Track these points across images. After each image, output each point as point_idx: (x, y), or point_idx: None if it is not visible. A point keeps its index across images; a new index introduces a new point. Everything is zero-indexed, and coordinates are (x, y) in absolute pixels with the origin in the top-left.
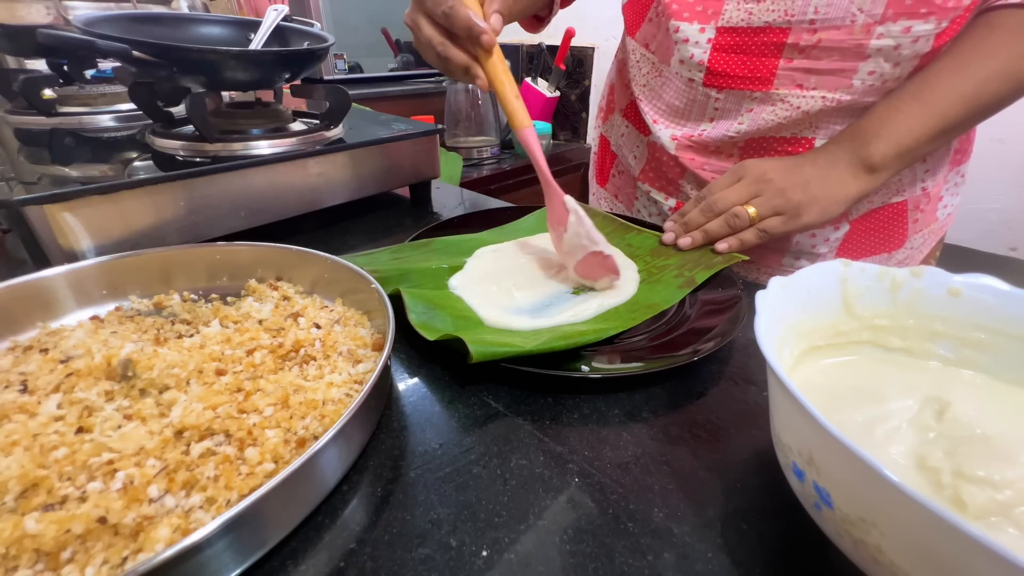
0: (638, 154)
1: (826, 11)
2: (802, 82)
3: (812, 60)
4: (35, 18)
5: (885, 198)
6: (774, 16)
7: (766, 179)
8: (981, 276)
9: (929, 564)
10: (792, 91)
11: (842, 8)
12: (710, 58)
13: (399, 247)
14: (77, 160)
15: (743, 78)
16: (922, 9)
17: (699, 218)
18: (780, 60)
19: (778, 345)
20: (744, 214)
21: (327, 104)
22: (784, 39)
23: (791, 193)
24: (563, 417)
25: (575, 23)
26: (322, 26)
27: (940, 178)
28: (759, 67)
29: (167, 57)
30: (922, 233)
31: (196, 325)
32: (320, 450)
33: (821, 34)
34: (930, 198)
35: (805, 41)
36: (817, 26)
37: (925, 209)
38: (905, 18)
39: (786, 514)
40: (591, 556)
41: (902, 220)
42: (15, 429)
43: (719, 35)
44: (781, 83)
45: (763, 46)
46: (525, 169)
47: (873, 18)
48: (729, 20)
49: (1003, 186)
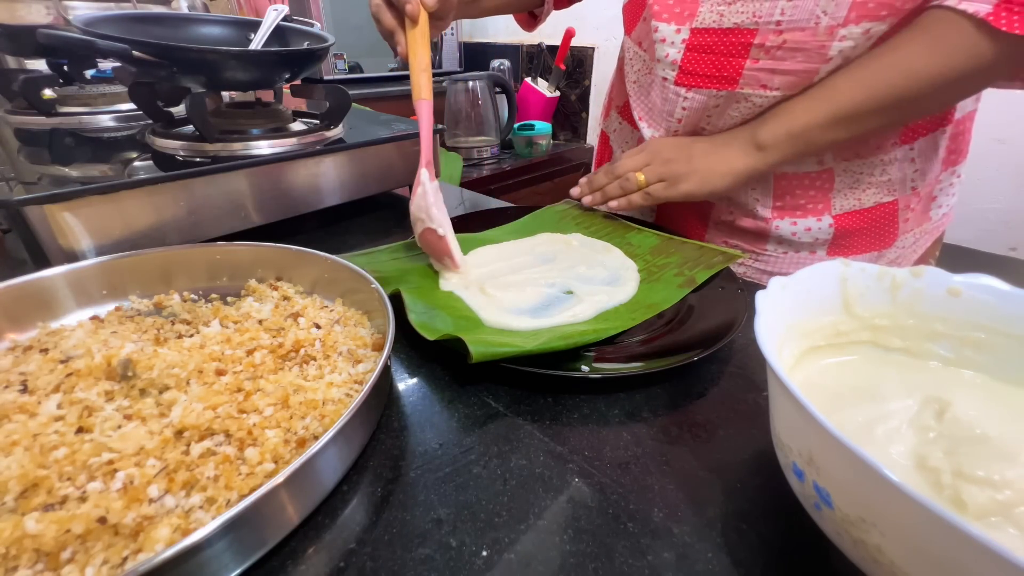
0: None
1: (792, 13)
2: (766, 82)
3: (776, 61)
4: (35, 18)
5: (877, 197)
6: (743, 18)
7: (658, 152)
8: (981, 276)
9: (929, 564)
10: (756, 91)
11: (807, 10)
12: (683, 58)
13: (399, 247)
14: (77, 160)
15: (711, 77)
16: (883, 12)
17: (601, 179)
18: (747, 60)
19: (778, 345)
20: (633, 178)
21: (327, 104)
22: (751, 40)
23: (675, 165)
24: (563, 417)
25: (575, 23)
26: (322, 26)
27: (931, 178)
28: (726, 66)
29: (167, 57)
30: (913, 232)
31: (196, 325)
32: (320, 450)
33: (786, 35)
34: (920, 197)
35: (771, 42)
36: (783, 27)
37: (916, 208)
38: (867, 20)
39: (786, 514)
40: (591, 556)
41: (893, 219)
42: (15, 429)
43: (692, 36)
44: (746, 83)
45: (731, 46)
46: (525, 169)
47: (836, 20)
48: (703, 21)
49: (1003, 186)
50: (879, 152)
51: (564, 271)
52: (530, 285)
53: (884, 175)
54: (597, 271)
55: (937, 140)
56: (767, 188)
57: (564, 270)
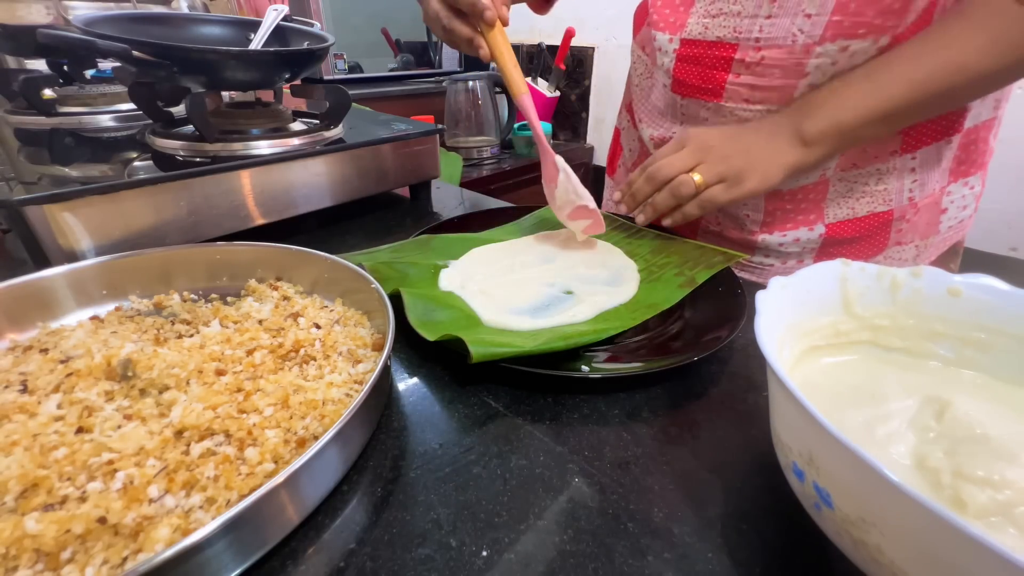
0: (632, 147)
1: (770, 31)
2: (748, 97)
3: (756, 76)
4: (35, 18)
5: (871, 207)
6: (725, 31)
7: (708, 146)
8: (981, 276)
9: (929, 564)
10: (740, 105)
11: (783, 28)
12: (675, 67)
13: (399, 246)
14: (77, 160)
15: (699, 88)
16: (860, 30)
17: (645, 188)
18: (729, 75)
19: (778, 345)
20: (690, 182)
21: (327, 104)
22: (732, 54)
23: (734, 160)
24: (563, 417)
25: (575, 23)
26: (322, 26)
27: (934, 189)
28: (711, 79)
29: (167, 57)
30: (915, 244)
31: (196, 325)
32: (320, 450)
33: (765, 52)
34: (919, 209)
35: (751, 58)
36: (761, 44)
37: (912, 220)
38: (843, 38)
39: (786, 514)
40: (591, 556)
41: (885, 230)
42: (15, 429)
43: (682, 46)
44: (730, 97)
45: (715, 60)
46: (525, 169)
47: (812, 39)
48: (690, 32)
49: (1003, 186)
50: (876, 161)
51: (564, 271)
52: (530, 285)
53: (881, 184)
54: (597, 271)
55: (941, 150)
56: (758, 203)
57: (564, 270)
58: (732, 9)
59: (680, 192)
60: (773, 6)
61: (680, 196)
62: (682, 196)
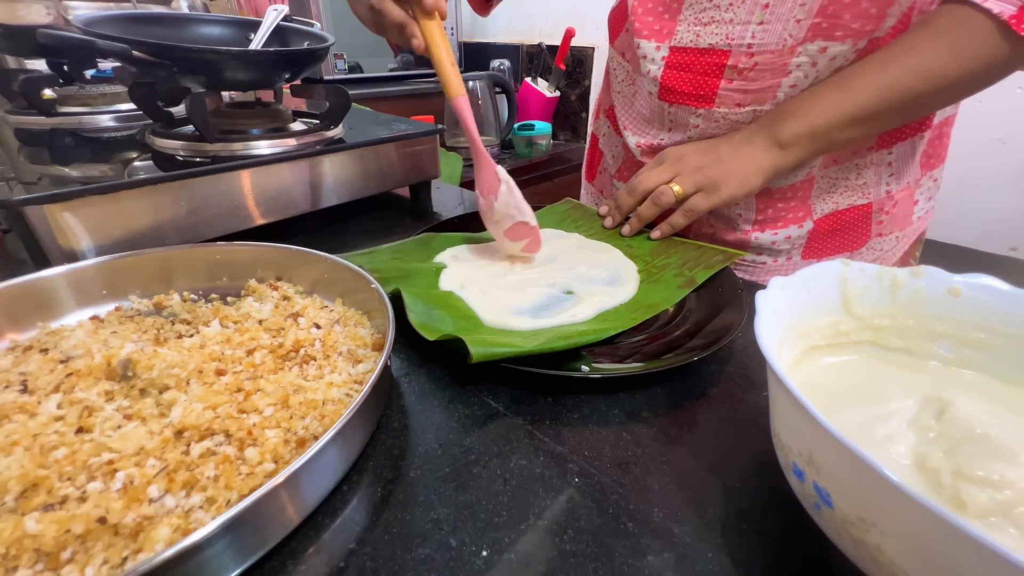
0: (615, 154)
1: (762, 36)
2: (740, 101)
3: (748, 81)
4: (35, 18)
5: (851, 200)
6: (717, 39)
7: (683, 159)
8: (981, 276)
9: (929, 564)
10: (731, 109)
11: (775, 34)
12: (663, 75)
13: (399, 246)
14: (77, 160)
15: (689, 95)
16: (837, 32)
17: (628, 200)
18: (721, 81)
19: (778, 345)
20: (669, 191)
21: (327, 104)
22: (725, 61)
23: (708, 170)
24: (563, 417)
25: (575, 23)
26: (322, 26)
27: (907, 182)
28: (703, 85)
29: (167, 57)
30: (894, 235)
31: (196, 325)
32: (320, 450)
33: (757, 57)
34: (896, 201)
35: (743, 64)
36: (754, 50)
37: (891, 212)
38: (822, 39)
39: (786, 514)
40: (591, 556)
41: (866, 221)
42: (15, 429)
43: (672, 54)
44: (722, 102)
45: (707, 66)
46: (525, 169)
47: (796, 40)
48: (680, 40)
49: (1003, 186)
50: (855, 157)
51: (564, 271)
52: (530, 285)
53: (860, 179)
54: (597, 271)
55: (915, 145)
56: (750, 203)
57: (564, 270)
58: (724, 17)
59: (660, 201)
60: (765, 12)
61: (661, 205)
62: (663, 205)
